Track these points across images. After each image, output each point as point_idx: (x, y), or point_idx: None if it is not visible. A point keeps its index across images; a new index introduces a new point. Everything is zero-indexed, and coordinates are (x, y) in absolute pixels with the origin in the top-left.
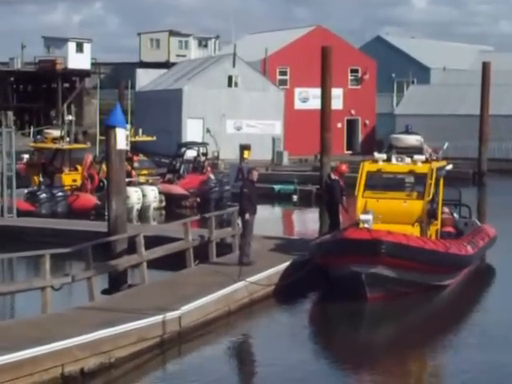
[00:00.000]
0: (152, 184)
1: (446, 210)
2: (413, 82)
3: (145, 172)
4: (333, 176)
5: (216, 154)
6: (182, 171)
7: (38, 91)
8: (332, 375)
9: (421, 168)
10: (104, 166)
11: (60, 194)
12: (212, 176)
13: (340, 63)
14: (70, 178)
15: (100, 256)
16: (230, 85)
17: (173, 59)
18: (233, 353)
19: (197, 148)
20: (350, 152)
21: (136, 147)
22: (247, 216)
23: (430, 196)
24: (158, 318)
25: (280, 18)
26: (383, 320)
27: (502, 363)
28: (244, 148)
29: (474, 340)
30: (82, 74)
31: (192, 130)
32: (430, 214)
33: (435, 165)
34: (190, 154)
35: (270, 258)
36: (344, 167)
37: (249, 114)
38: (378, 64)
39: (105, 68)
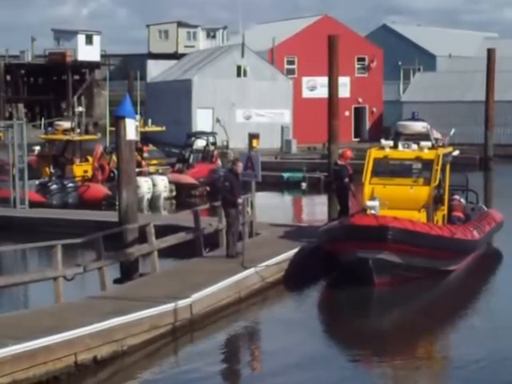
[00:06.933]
0: (162, 174)
1: (457, 197)
2: (419, 70)
3: (155, 162)
4: (340, 162)
5: (225, 143)
6: (191, 161)
7: (48, 83)
8: (341, 361)
9: (427, 154)
10: (114, 157)
11: (71, 184)
12: (220, 164)
13: (347, 52)
14: (80, 168)
15: (111, 246)
16: (239, 75)
17: (181, 50)
18: (244, 340)
19: (206, 138)
20: (357, 139)
21: (146, 137)
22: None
23: (437, 182)
24: (170, 306)
25: (286, 8)
26: (390, 305)
27: (510, 347)
28: (253, 137)
29: (481, 324)
30: (92, 65)
31: (202, 120)
32: (437, 200)
33: (441, 151)
34: (200, 143)
35: (279, 244)
36: (349, 152)
37: (258, 103)
38: (385, 52)
39: (114, 60)
